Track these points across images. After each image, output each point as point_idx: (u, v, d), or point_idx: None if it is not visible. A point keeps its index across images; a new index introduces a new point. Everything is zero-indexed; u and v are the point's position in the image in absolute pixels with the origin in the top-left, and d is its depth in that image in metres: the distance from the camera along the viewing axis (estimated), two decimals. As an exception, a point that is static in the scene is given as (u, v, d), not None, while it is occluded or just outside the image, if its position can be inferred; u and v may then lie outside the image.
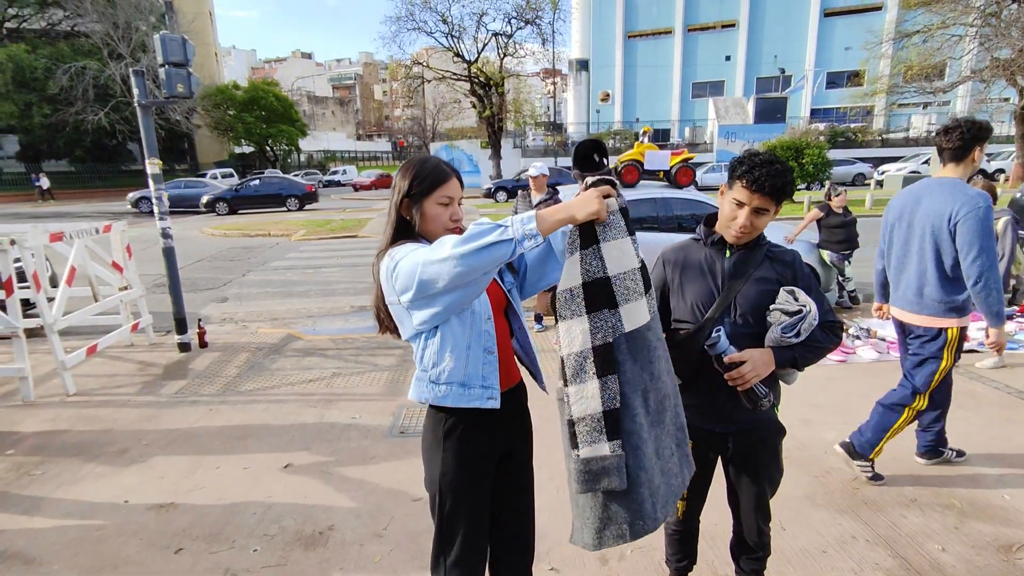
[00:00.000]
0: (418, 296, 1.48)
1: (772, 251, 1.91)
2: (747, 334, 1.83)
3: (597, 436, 1.52)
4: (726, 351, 1.78)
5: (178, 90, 5.25)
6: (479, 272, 1.39)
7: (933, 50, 22.26)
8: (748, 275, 1.85)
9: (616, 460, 1.51)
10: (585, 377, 1.52)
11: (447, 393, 1.61)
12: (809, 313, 1.76)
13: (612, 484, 1.52)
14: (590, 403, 1.52)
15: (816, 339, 1.80)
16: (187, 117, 33.10)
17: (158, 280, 9.24)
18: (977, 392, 4.27)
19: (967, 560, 2.51)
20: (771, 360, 1.78)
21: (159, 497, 3.15)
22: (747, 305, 1.84)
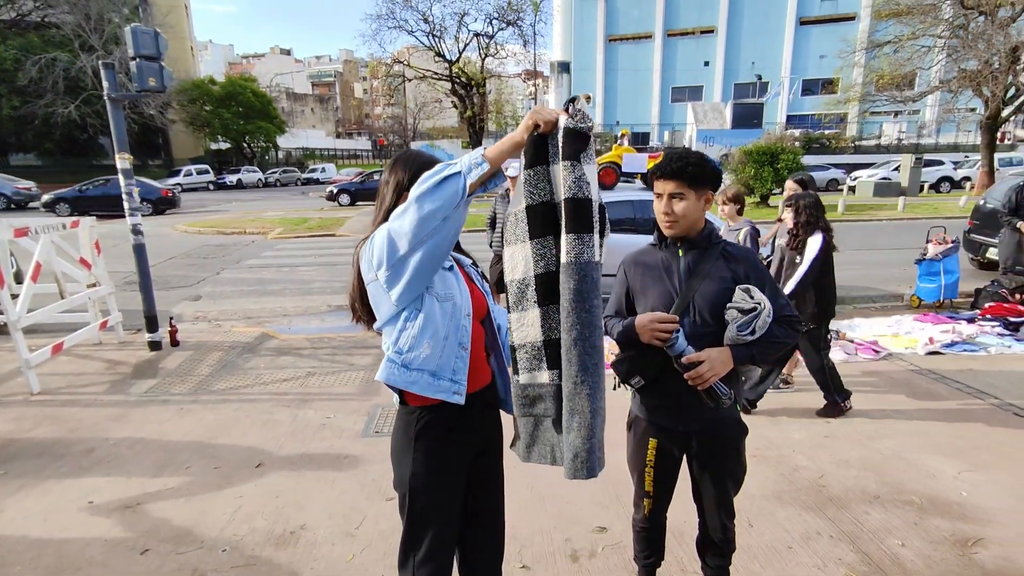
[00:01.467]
0: (390, 262, 1.50)
1: (727, 250, 1.95)
2: (707, 333, 1.87)
3: (537, 364, 1.54)
4: (684, 351, 1.81)
5: (150, 84, 5.15)
6: (439, 216, 1.41)
7: (903, 60, 22.86)
8: (705, 274, 1.89)
9: (552, 389, 1.54)
10: (526, 305, 1.52)
11: (416, 380, 1.61)
12: (764, 310, 1.80)
13: (547, 411, 1.57)
14: (530, 331, 1.53)
15: (773, 335, 1.84)
16: (161, 112, 32.46)
17: (129, 277, 9.04)
18: (939, 392, 4.40)
19: (925, 555, 2.59)
20: (729, 359, 1.82)
21: (125, 497, 3.09)
22: (705, 304, 1.88)
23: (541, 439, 1.63)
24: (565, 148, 1.43)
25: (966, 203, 17.93)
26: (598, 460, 1.54)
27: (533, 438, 1.64)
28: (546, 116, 1.45)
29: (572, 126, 1.43)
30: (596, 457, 1.53)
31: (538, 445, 1.64)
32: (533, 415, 1.61)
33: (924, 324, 5.91)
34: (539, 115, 1.45)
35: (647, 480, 2.10)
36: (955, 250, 6.81)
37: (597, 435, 1.53)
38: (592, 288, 1.47)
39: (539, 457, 1.64)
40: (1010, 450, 3.51)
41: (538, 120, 1.45)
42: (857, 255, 10.73)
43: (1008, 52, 19.34)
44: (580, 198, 1.44)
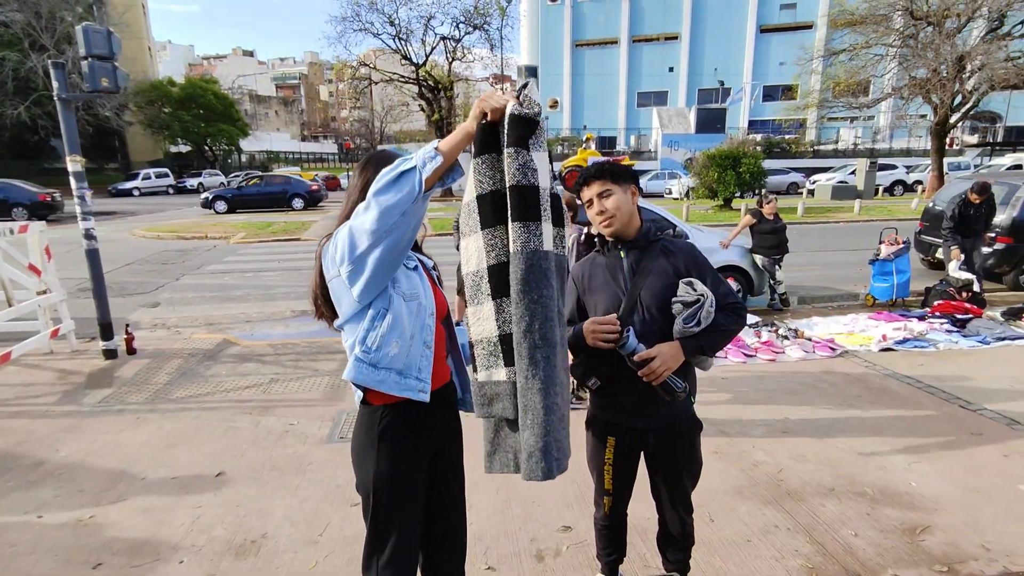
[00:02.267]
0: (352, 257, 1.50)
1: (666, 246, 2.01)
2: (658, 329, 1.91)
3: (494, 361, 1.50)
4: (636, 349, 1.85)
5: (103, 84, 5.00)
6: (397, 211, 1.41)
7: (858, 68, 23.70)
8: (648, 271, 1.94)
9: (509, 387, 1.49)
10: (481, 298, 1.49)
11: (384, 379, 1.60)
12: (706, 301, 1.85)
13: (504, 411, 1.52)
14: (486, 325, 1.50)
15: (720, 323, 1.89)
16: (118, 113, 31.47)
17: (83, 284, 8.73)
18: (891, 388, 4.56)
19: (876, 543, 2.68)
20: (679, 352, 1.86)
21: (77, 511, 2.99)
22: (651, 300, 1.92)
23: (503, 446, 1.58)
24: (510, 135, 1.40)
25: (917, 206, 18.65)
26: (556, 461, 1.47)
27: (494, 445, 1.60)
28: (493, 103, 1.43)
29: (517, 112, 1.40)
30: (553, 457, 1.46)
31: (500, 453, 1.59)
32: (492, 415, 1.57)
33: (878, 322, 6.12)
34: (487, 103, 1.44)
35: (606, 478, 2.13)
36: (906, 250, 7.08)
37: (553, 434, 1.46)
38: (540, 278, 1.43)
39: (501, 466, 1.59)
40: (956, 441, 3.66)
41: (485, 108, 1.44)
42: (816, 256, 11.06)
43: (954, 61, 20.23)
44: (525, 185, 1.41)
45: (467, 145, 1.47)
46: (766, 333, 5.70)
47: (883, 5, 21.79)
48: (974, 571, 2.49)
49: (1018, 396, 4.33)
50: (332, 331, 1.73)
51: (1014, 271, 8.01)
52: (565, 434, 1.52)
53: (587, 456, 2.19)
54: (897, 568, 2.51)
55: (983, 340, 5.58)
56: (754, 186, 18.81)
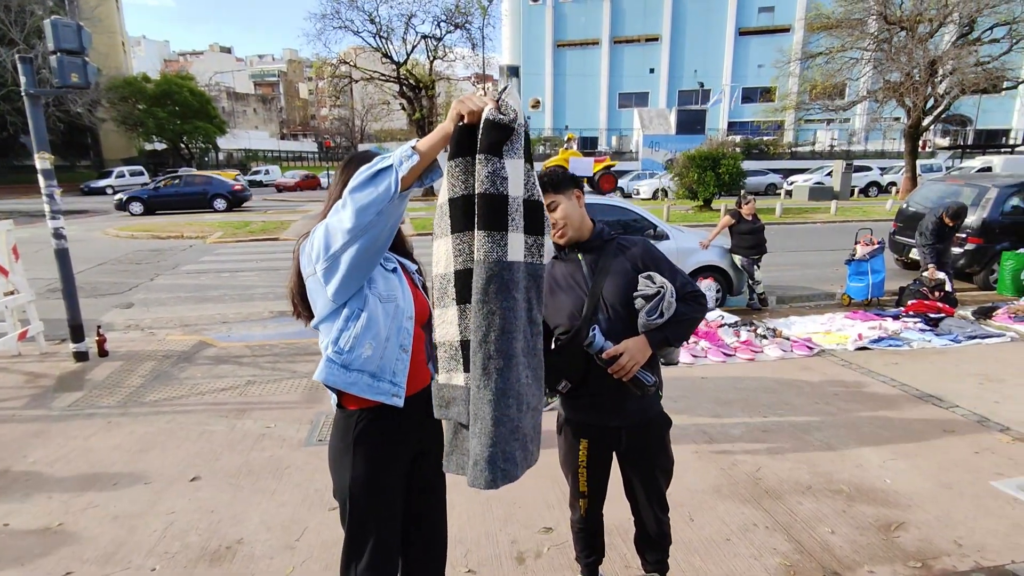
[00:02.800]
0: (327, 255, 1.48)
1: (621, 243, 2.02)
2: (623, 327, 1.92)
3: (454, 365, 1.49)
4: (603, 347, 1.85)
5: (72, 80, 4.87)
6: (373, 209, 1.39)
7: (834, 71, 24.09)
8: (607, 270, 1.95)
9: (465, 392, 1.48)
10: (447, 301, 1.48)
11: (356, 381, 1.58)
12: (666, 292, 1.87)
13: (459, 416, 1.50)
14: (449, 329, 1.48)
15: (682, 313, 1.90)
16: (90, 110, 30.78)
17: (53, 284, 8.52)
18: (867, 386, 4.64)
19: (852, 540, 2.71)
20: (646, 345, 1.87)
21: (45, 519, 2.90)
22: (613, 299, 1.93)
23: (460, 447, 1.56)
24: (483, 140, 1.37)
25: (892, 207, 19.02)
26: (501, 471, 1.44)
27: (452, 446, 1.58)
28: (471, 106, 1.40)
29: (492, 117, 1.36)
30: (499, 468, 1.43)
31: (456, 454, 1.57)
32: (448, 418, 1.55)
33: (854, 321, 6.22)
34: (465, 105, 1.40)
35: (581, 481, 2.12)
36: (881, 251, 7.20)
37: (500, 445, 1.43)
38: (501, 289, 1.40)
39: (457, 467, 1.57)
40: (930, 438, 3.73)
41: (463, 110, 1.40)
42: (794, 256, 11.21)
43: (927, 65, 20.67)
44: (493, 194, 1.38)
45: (445, 146, 1.44)
46: (745, 333, 5.75)
47: (858, 10, 22.19)
48: (947, 567, 2.53)
49: (988, 393, 4.43)
50: (310, 331, 1.71)
51: (984, 271, 8.21)
52: (519, 445, 1.49)
53: (560, 459, 2.19)
54: (872, 565, 2.54)
55: (955, 339, 5.69)
56: (733, 187, 19.02)
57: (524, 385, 1.49)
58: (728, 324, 5.98)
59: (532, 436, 1.56)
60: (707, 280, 7.08)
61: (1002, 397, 4.35)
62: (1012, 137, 43.48)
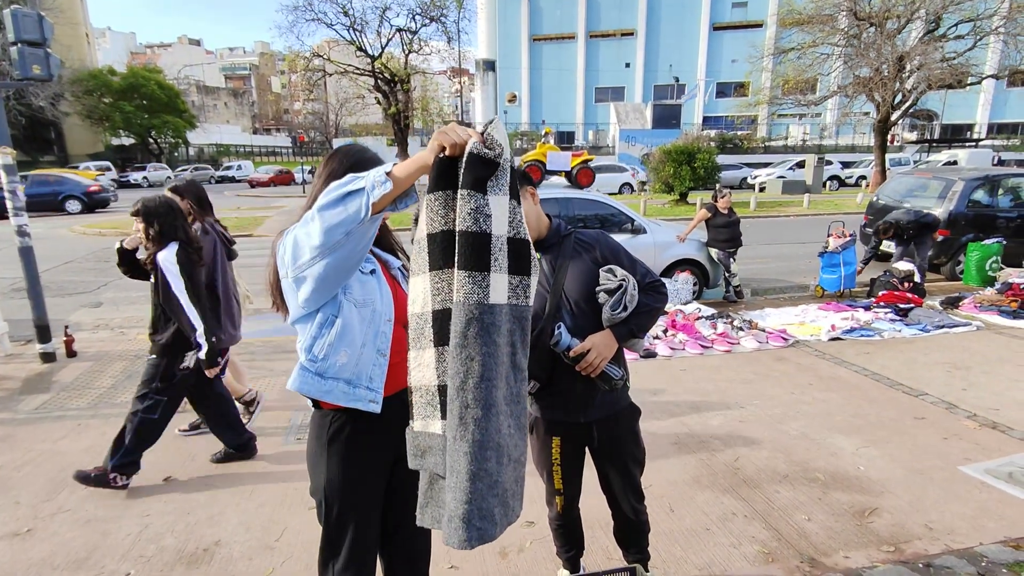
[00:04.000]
0: (295, 266, 1.44)
1: (579, 238, 2.02)
2: (588, 323, 1.92)
3: (431, 411, 1.40)
4: (570, 344, 1.86)
5: (34, 72, 4.72)
6: (341, 230, 1.34)
7: (806, 66, 24.47)
8: (567, 267, 1.95)
9: (442, 442, 1.38)
10: (423, 343, 1.38)
11: (331, 389, 1.56)
12: (628, 284, 1.88)
13: (436, 466, 1.40)
14: (426, 372, 1.39)
15: (645, 304, 1.92)
16: (53, 103, 29.82)
17: (16, 284, 8.27)
18: (840, 375, 4.73)
19: (828, 527, 2.77)
20: (612, 340, 1.88)
21: (13, 524, 2.82)
22: (576, 295, 1.94)
23: (435, 499, 1.44)
24: (465, 175, 1.28)
25: (862, 200, 19.43)
26: (477, 530, 1.32)
27: (427, 496, 1.46)
28: (453, 138, 1.30)
29: (477, 151, 1.28)
30: (474, 527, 1.32)
31: (431, 506, 1.45)
32: (424, 468, 1.44)
33: (827, 312, 6.34)
34: (447, 136, 1.31)
35: (556, 478, 2.13)
36: (852, 243, 7.35)
37: (476, 502, 1.32)
38: (481, 333, 1.30)
39: (432, 520, 1.44)
40: (901, 425, 3.82)
41: (444, 142, 1.30)
42: (767, 249, 11.38)
43: (895, 61, 21.11)
44: (475, 232, 1.28)
45: (422, 175, 1.37)
46: (722, 325, 5.83)
47: (828, 5, 22.53)
48: (918, 550, 2.60)
49: (956, 381, 4.55)
50: (287, 329, 1.67)
51: (950, 262, 8.44)
52: (497, 502, 1.37)
53: (533, 459, 2.18)
54: (848, 550, 2.60)
55: (924, 328, 5.84)
56: (709, 181, 19.24)
57: (505, 436, 1.39)
58: (705, 317, 6.05)
59: (514, 491, 1.46)
60: (684, 273, 7.16)
61: (969, 384, 4.48)
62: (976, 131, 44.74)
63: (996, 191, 8.55)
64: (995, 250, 7.72)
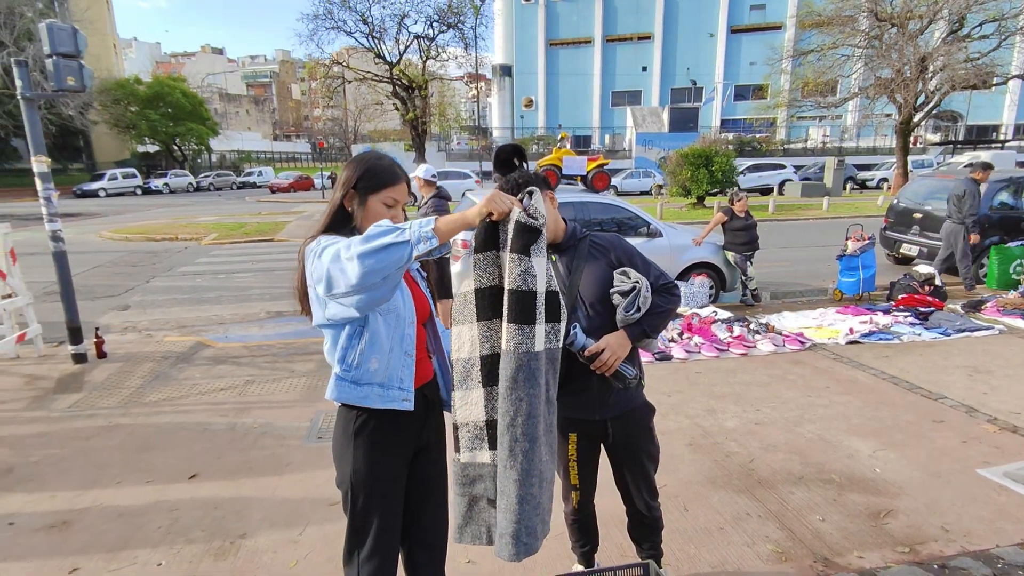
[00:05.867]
0: (326, 291, 1.51)
1: (594, 240, 2.07)
2: (602, 323, 1.97)
3: (478, 444, 1.59)
4: (585, 345, 1.91)
5: (68, 83, 4.90)
6: (379, 275, 1.39)
7: (826, 68, 24.19)
8: (581, 270, 2.00)
9: (492, 469, 1.59)
10: (470, 384, 1.57)
11: (367, 394, 1.65)
12: (642, 286, 1.92)
13: (486, 491, 1.61)
14: (473, 410, 1.58)
15: (658, 305, 1.96)
16: (82, 112, 30.57)
17: (48, 288, 8.53)
18: (858, 379, 4.71)
19: (843, 528, 2.78)
20: (626, 340, 1.93)
21: (50, 517, 2.94)
22: (591, 296, 1.99)
23: (476, 519, 1.67)
24: (515, 241, 1.49)
25: (883, 203, 19.16)
26: (524, 545, 1.56)
27: (466, 519, 1.67)
28: (500, 206, 1.50)
29: (524, 221, 1.49)
30: (522, 543, 1.55)
31: (472, 525, 1.68)
32: (472, 494, 1.64)
33: (845, 316, 6.30)
34: (494, 204, 1.50)
35: (572, 473, 2.18)
36: (871, 246, 7.29)
37: (524, 522, 1.55)
38: (529, 378, 1.52)
39: (473, 538, 1.67)
40: (919, 429, 3.81)
41: (492, 209, 1.50)
42: (786, 252, 11.31)
43: (917, 62, 20.80)
44: (523, 291, 1.50)
45: (463, 231, 1.51)
46: (738, 328, 5.82)
47: (849, 7, 22.29)
48: (934, 551, 2.60)
49: (977, 385, 4.51)
50: (307, 332, 1.77)
51: (973, 265, 8.30)
52: (539, 520, 1.60)
53: None
54: (862, 551, 2.61)
55: (944, 332, 5.78)
56: (726, 184, 19.13)
57: (544, 463, 1.60)
58: (721, 320, 6.05)
59: (548, 507, 1.69)
60: (701, 276, 7.16)
61: (990, 388, 4.44)
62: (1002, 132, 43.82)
63: (1021, 193, 8.41)
64: (1019, 253, 7.61)
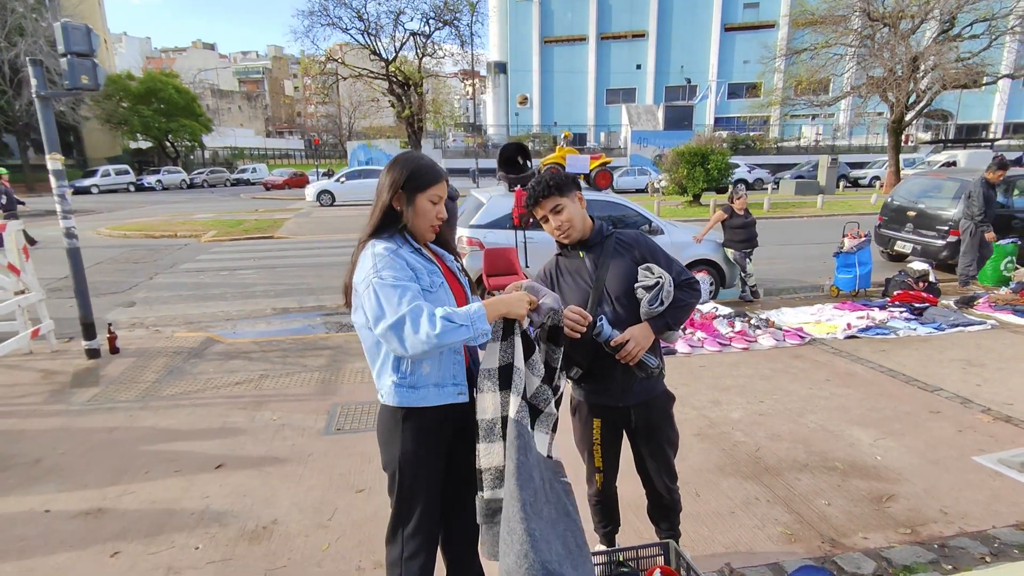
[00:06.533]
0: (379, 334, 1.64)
1: (619, 237, 2.20)
2: (627, 315, 2.10)
3: (499, 483, 1.76)
4: (611, 335, 2.04)
5: (83, 82, 4.96)
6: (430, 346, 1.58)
7: (819, 67, 24.43)
8: (608, 266, 2.13)
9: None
10: (494, 438, 1.77)
11: (425, 396, 1.77)
12: (665, 282, 2.05)
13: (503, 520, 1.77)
14: (495, 458, 1.77)
15: (680, 300, 2.09)
16: (73, 108, 30.42)
17: (51, 285, 8.59)
18: (856, 372, 4.86)
19: (847, 511, 2.93)
20: (649, 332, 2.06)
21: (84, 504, 3.04)
22: (617, 290, 2.12)
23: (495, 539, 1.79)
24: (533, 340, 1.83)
25: (876, 200, 19.42)
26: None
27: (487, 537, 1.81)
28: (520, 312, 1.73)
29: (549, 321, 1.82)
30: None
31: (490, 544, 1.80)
32: (495, 523, 1.79)
33: (842, 311, 6.46)
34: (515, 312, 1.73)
35: (596, 457, 2.32)
36: (867, 243, 7.45)
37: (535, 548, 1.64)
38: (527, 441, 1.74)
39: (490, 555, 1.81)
40: (916, 419, 3.96)
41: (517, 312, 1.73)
42: (782, 250, 11.48)
43: (909, 61, 21.07)
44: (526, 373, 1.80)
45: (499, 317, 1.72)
46: (739, 323, 5.97)
47: (842, 6, 22.52)
48: (933, 532, 2.75)
49: (970, 377, 4.67)
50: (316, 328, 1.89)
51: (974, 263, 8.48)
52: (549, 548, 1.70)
53: (575, 439, 2.38)
54: (866, 532, 2.75)
55: (939, 327, 5.95)
56: (722, 182, 19.31)
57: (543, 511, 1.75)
58: (723, 315, 6.20)
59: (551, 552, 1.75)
60: (701, 273, 7.29)
61: (983, 380, 4.60)
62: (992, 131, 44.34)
63: (1012, 191, 8.61)
64: (1010, 250, 7.79)
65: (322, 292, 8.52)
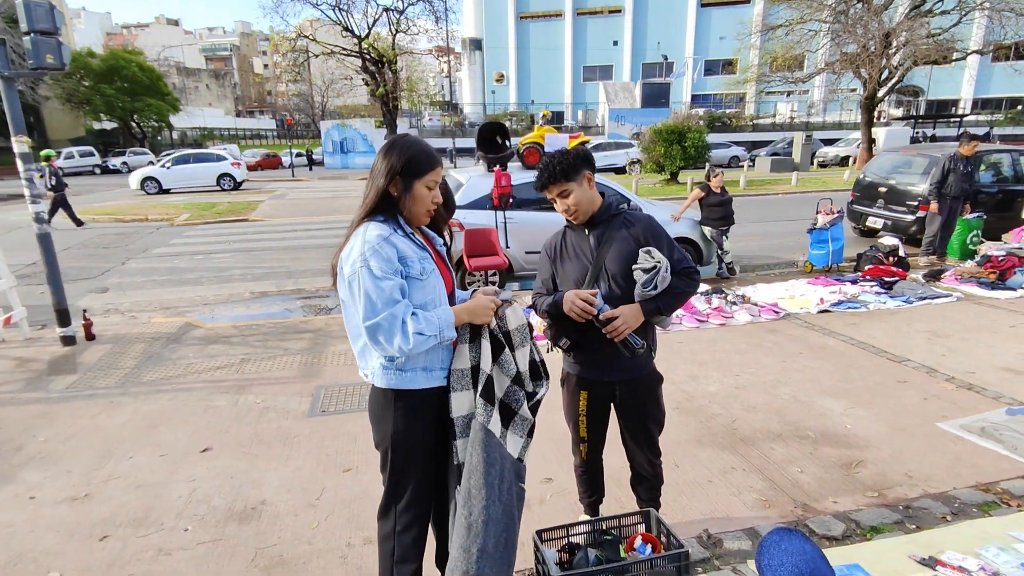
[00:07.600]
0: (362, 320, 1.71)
1: (627, 218, 2.25)
2: (622, 294, 2.16)
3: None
4: (602, 309, 2.09)
5: (48, 61, 4.80)
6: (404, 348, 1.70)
7: (794, 43, 24.53)
8: (611, 242, 2.19)
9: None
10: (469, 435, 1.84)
11: (413, 379, 1.81)
12: (663, 267, 2.10)
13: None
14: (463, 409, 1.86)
15: (675, 287, 2.15)
16: (32, 88, 29.27)
17: (20, 271, 8.38)
18: (829, 344, 5.02)
19: (819, 477, 3.06)
20: (639, 313, 2.12)
21: (70, 491, 3.03)
22: (615, 269, 2.17)
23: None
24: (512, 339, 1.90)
25: (849, 177, 19.74)
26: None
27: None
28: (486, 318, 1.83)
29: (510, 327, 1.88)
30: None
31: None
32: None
33: (815, 286, 6.63)
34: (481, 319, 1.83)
35: (581, 427, 2.39)
36: (840, 219, 7.62)
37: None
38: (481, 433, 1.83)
39: None
40: (884, 388, 4.12)
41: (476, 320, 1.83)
42: (757, 227, 11.66)
43: (882, 37, 21.26)
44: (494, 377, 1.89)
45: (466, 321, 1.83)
46: (716, 300, 6.09)
47: (816, -19, 22.58)
48: (899, 495, 2.89)
49: (936, 348, 4.86)
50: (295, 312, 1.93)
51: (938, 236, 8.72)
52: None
53: (563, 408, 2.45)
54: (836, 496, 2.89)
55: (907, 300, 6.14)
56: (699, 160, 19.44)
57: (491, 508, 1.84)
58: (700, 292, 6.31)
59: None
60: (679, 251, 7.39)
61: (948, 351, 4.79)
62: (961, 107, 45.20)
63: (976, 167, 8.84)
64: (976, 224, 8.04)
65: (300, 275, 8.45)
